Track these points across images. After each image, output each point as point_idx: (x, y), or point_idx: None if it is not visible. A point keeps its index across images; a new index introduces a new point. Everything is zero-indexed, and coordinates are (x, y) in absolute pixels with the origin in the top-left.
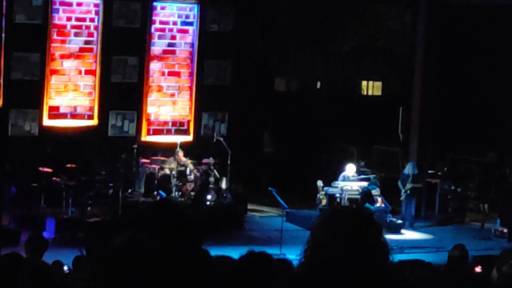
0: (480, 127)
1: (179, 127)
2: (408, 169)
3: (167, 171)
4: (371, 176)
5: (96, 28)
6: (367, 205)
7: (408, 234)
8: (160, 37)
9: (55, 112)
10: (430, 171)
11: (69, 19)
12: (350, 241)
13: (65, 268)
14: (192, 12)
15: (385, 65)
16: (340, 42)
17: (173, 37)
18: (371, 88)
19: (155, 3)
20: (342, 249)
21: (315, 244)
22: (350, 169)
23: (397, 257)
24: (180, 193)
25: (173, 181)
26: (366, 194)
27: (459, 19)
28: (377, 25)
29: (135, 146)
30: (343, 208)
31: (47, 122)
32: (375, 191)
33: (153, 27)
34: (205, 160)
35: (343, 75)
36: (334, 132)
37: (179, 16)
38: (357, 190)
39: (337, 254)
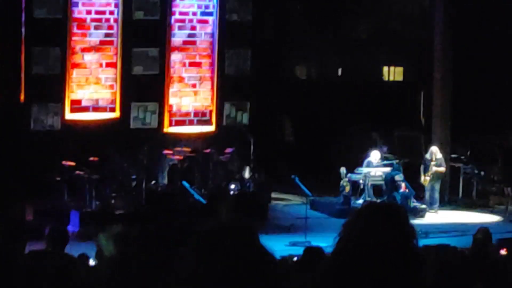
0: (502, 109)
1: (201, 118)
2: (431, 153)
3: (189, 162)
4: (394, 162)
5: (116, 20)
6: (394, 193)
7: (432, 219)
8: (180, 28)
9: (77, 106)
10: (452, 155)
11: (88, 12)
12: (379, 232)
13: (91, 260)
14: (211, 2)
15: (406, 50)
16: (360, 29)
17: (193, 28)
18: (392, 73)
19: None
20: (372, 240)
21: (346, 236)
22: (375, 155)
23: (422, 242)
24: (203, 183)
25: (196, 171)
26: (390, 181)
27: (476, 2)
28: (395, 11)
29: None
30: (374, 203)
31: (69, 116)
32: (398, 177)
33: (173, 18)
34: (227, 150)
35: (363, 61)
36: (356, 118)
37: (199, 6)
38: (380, 176)
39: (367, 244)
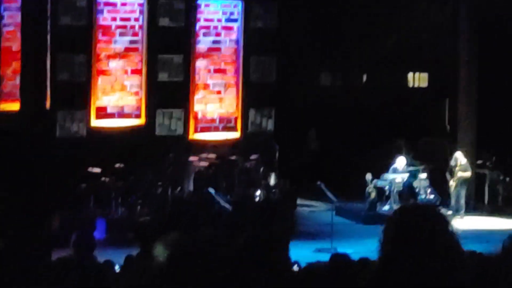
0: None
1: (226, 124)
2: (455, 159)
3: (215, 168)
4: (420, 168)
5: (141, 27)
6: (411, 199)
7: (458, 225)
8: (205, 35)
9: (102, 113)
10: (478, 162)
11: (113, 19)
12: (422, 236)
13: (116, 267)
14: (236, 9)
15: (431, 57)
16: (385, 37)
17: (218, 35)
18: (417, 79)
19: (199, 1)
20: (416, 246)
21: (390, 243)
22: (400, 161)
23: None
24: (228, 190)
25: (222, 178)
26: (407, 188)
27: (501, 9)
28: (421, 19)
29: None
30: (411, 206)
31: (94, 122)
32: (417, 182)
33: (198, 25)
34: (253, 156)
35: (388, 68)
36: (381, 125)
37: (224, 13)
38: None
39: (412, 251)
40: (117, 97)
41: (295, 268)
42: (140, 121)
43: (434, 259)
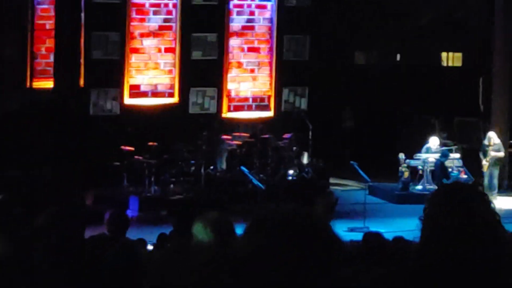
0: None
1: (259, 103)
2: (488, 139)
3: (248, 147)
4: (453, 148)
5: (174, 5)
6: (444, 180)
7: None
8: (238, 13)
9: (136, 91)
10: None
11: None
12: (464, 215)
13: (149, 246)
14: None
15: (465, 36)
16: (418, 15)
17: (252, 13)
18: (451, 59)
19: None
20: (458, 224)
21: (431, 222)
22: (434, 141)
23: None
24: (261, 169)
25: (255, 157)
26: (439, 167)
27: None
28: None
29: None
30: (452, 184)
31: (128, 101)
32: (450, 162)
33: (232, 3)
34: (286, 135)
35: (422, 47)
36: (414, 104)
37: None
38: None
39: (453, 230)
40: (151, 75)
41: None
42: (174, 99)
43: (475, 237)
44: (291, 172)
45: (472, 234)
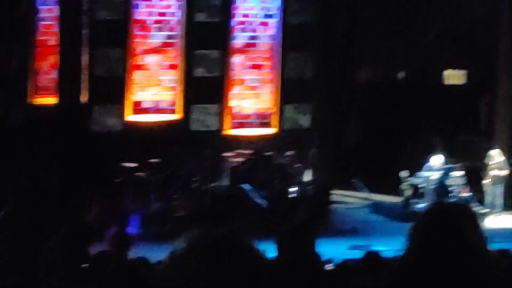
0: None
1: (262, 120)
2: (492, 157)
3: (250, 164)
4: (456, 166)
5: (177, 22)
6: (444, 197)
7: (495, 223)
8: (241, 30)
9: (138, 107)
10: None
11: (150, 14)
12: (447, 234)
13: (154, 262)
14: (273, 4)
15: (469, 53)
16: (422, 32)
17: (255, 30)
18: (454, 77)
19: None
20: (439, 242)
21: (414, 240)
22: (436, 159)
23: None
24: (263, 186)
25: (257, 174)
26: (440, 186)
27: None
28: (459, 14)
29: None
30: (440, 204)
31: (130, 117)
32: (453, 180)
33: (235, 20)
34: (288, 153)
35: (425, 64)
36: (417, 122)
37: (261, 8)
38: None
39: (434, 248)
40: (153, 92)
41: (330, 265)
42: (176, 116)
43: (456, 257)
44: (293, 189)
45: (453, 253)
